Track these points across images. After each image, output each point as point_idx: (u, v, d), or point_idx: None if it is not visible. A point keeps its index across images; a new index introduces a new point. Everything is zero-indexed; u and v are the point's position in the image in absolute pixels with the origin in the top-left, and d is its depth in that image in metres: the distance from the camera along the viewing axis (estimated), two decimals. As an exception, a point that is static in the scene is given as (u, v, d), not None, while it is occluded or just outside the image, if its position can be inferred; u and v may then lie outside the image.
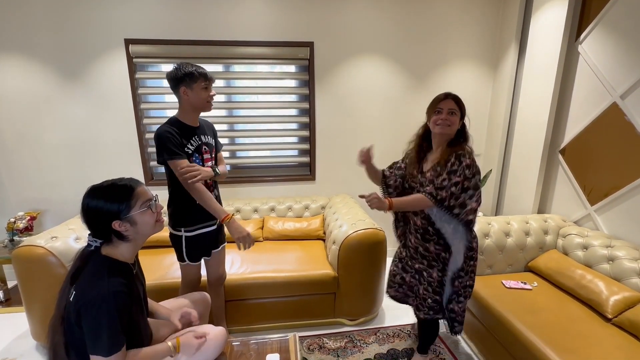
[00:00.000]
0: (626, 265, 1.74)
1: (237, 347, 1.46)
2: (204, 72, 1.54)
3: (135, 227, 1.07)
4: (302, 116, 2.88)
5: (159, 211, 1.14)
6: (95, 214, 1.04)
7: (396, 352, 1.94)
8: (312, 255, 2.31)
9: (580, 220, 2.24)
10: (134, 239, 1.09)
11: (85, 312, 0.97)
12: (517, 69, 2.72)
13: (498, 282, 1.96)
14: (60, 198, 2.68)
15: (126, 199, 1.05)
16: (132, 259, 1.15)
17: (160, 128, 1.53)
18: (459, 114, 1.47)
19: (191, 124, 1.61)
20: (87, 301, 0.98)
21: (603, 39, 2.06)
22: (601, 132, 2.09)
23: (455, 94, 1.49)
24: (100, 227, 1.05)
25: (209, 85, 1.57)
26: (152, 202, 1.11)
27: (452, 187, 1.40)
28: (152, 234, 1.15)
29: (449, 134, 1.47)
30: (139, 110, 2.64)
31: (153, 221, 1.11)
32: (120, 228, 1.04)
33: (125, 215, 1.04)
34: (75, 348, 1.04)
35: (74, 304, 1.00)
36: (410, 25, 2.76)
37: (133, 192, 1.06)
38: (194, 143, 1.59)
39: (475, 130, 3.04)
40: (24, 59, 2.42)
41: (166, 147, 1.49)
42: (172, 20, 2.50)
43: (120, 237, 1.07)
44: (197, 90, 1.53)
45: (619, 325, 1.56)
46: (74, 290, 1.02)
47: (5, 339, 2.07)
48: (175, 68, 1.52)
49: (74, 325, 1.01)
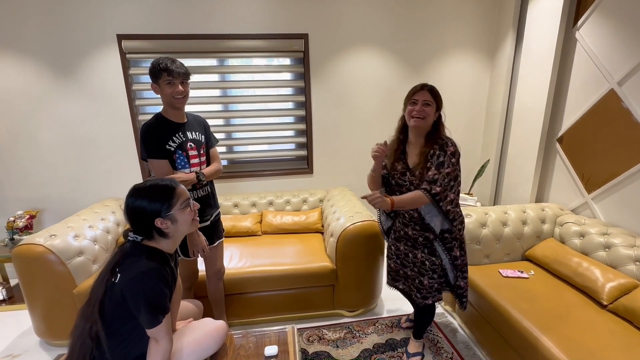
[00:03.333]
0: (622, 252, 1.75)
1: (236, 339, 1.48)
2: (167, 66, 1.46)
3: (175, 224, 1.15)
4: (298, 109, 2.87)
5: (195, 210, 1.22)
6: (139, 213, 1.11)
7: (395, 341, 1.97)
8: (310, 248, 2.32)
9: (578, 208, 2.25)
10: (173, 236, 1.17)
11: (131, 288, 1.06)
12: (514, 57, 2.69)
13: (495, 271, 1.97)
14: (59, 196, 2.69)
15: (168, 198, 1.13)
16: (172, 252, 1.22)
17: (144, 124, 1.52)
18: (434, 106, 1.46)
19: (175, 120, 1.58)
20: (131, 278, 1.06)
21: (600, 25, 2.03)
22: (598, 120, 2.08)
23: (432, 85, 1.48)
24: (143, 224, 1.12)
25: (174, 81, 1.49)
26: (190, 201, 1.20)
27: (444, 179, 1.42)
28: (189, 232, 1.25)
29: (424, 127, 1.47)
30: (133, 107, 2.62)
31: (190, 219, 1.20)
32: (162, 225, 1.12)
33: (167, 213, 1.12)
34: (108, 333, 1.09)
35: (118, 285, 1.08)
36: (406, 14, 2.73)
37: (174, 192, 1.15)
38: (177, 140, 1.57)
39: (472, 119, 3.05)
40: (16, 56, 2.40)
41: (144, 145, 1.49)
42: (165, 14, 2.47)
43: (161, 233, 1.14)
44: (162, 86, 1.49)
45: (614, 312, 1.57)
46: (119, 274, 1.10)
47: (10, 336, 2.10)
48: (151, 63, 1.50)
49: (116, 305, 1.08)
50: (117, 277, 1.10)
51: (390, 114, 2.90)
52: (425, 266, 1.61)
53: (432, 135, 1.50)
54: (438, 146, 1.46)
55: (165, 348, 1.11)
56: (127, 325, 1.11)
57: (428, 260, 1.59)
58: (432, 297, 1.63)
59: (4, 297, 2.42)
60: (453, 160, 1.44)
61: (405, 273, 1.71)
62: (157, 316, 1.08)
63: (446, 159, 1.43)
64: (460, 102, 2.99)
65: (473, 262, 2.09)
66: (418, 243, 1.61)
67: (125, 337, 1.12)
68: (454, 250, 1.57)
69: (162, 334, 1.10)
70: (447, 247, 1.57)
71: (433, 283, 1.61)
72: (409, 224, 1.61)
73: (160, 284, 1.09)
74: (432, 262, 1.58)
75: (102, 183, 2.72)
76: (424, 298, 1.64)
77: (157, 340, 1.11)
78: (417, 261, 1.63)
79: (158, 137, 1.52)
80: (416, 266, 1.65)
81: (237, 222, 2.57)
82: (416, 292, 1.66)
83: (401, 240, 1.69)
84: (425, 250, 1.59)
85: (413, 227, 1.60)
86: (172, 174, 1.54)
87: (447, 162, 1.43)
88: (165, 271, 1.13)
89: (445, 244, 1.56)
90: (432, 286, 1.61)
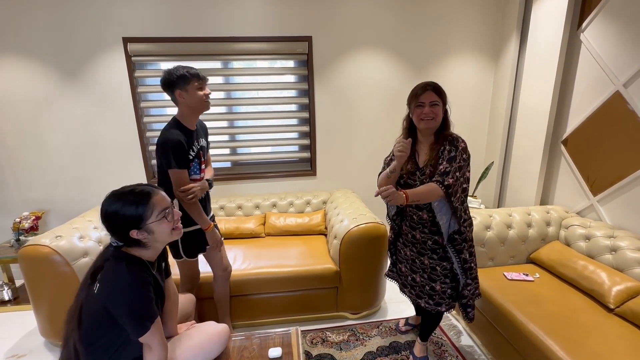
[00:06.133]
0: (629, 255, 1.73)
1: (240, 342, 1.48)
2: (196, 72, 1.53)
3: (152, 235, 1.09)
4: (302, 111, 2.88)
5: (176, 219, 1.15)
6: (113, 222, 1.06)
7: (398, 344, 1.96)
8: (314, 250, 2.32)
9: (583, 211, 2.23)
10: (152, 246, 1.12)
11: (113, 300, 1.02)
12: (518, 59, 2.68)
13: (500, 274, 1.95)
14: (64, 197, 2.71)
15: (142, 210, 1.06)
16: (153, 259, 1.18)
17: (170, 133, 1.51)
18: (441, 104, 1.45)
19: (190, 128, 1.60)
20: (112, 289, 1.03)
21: (605, 27, 2.02)
22: (604, 122, 2.06)
23: (434, 83, 1.46)
24: (119, 233, 1.07)
25: (203, 85, 1.56)
26: (167, 211, 1.11)
27: (456, 172, 1.40)
28: (170, 241, 1.17)
29: (435, 127, 1.47)
30: (139, 109, 2.64)
31: (169, 230, 1.13)
32: (138, 237, 1.07)
33: (142, 225, 1.06)
34: (85, 342, 1.07)
35: (98, 296, 1.04)
36: (410, 16, 2.73)
37: (149, 202, 1.07)
38: (195, 149, 1.60)
39: (476, 121, 3.05)
40: (24, 59, 2.43)
41: (174, 156, 1.49)
42: (170, 17, 2.50)
43: (139, 244, 1.09)
44: (192, 92, 1.52)
45: (621, 316, 1.56)
46: (98, 283, 1.06)
47: (15, 336, 2.12)
48: (166, 73, 1.51)
49: (96, 315, 1.05)
50: (97, 286, 1.06)
51: (394, 116, 2.90)
52: (435, 271, 1.58)
53: (442, 132, 1.48)
54: (448, 142, 1.44)
55: (159, 354, 1.08)
56: (104, 337, 1.07)
57: (439, 265, 1.56)
58: (445, 304, 1.60)
59: (9, 297, 2.44)
60: (464, 156, 1.41)
61: (413, 279, 1.67)
62: (144, 323, 1.05)
63: (458, 154, 1.41)
64: (464, 104, 2.98)
65: (478, 264, 2.07)
66: (426, 247, 1.58)
67: (103, 349, 1.08)
68: (463, 252, 1.54)
69: (153, 341, 1.07)
70: (457, 249, 1.54)
71: (446, 288, 1.58)
72: (417, 226, 1.59)
73: (143, 291, 1.05)
74: (443, 267, 1.56)
75: (107, 184, 2.73)
76: (437, 305, 1.60)
77: (150, 348, 1.08)
78: (427, 267, 1.60)
79: (186, 146, 1.54)
80: (426, 272, 1.61)
81: (241, 223, 2.58)
82: (427, 298, 1.62)
83: (407, 245, 1.67)
84: (435, 255, 1.56)
85: (422, 230, 1.58)
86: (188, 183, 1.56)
87: (458, 157, 1.40)
88: (146, 273, 1.09)
89: (455, 245, 1.53)
90: (444, 291, 1.58)
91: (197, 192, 1.55)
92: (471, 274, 1.59)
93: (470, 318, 1.63)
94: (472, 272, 1.59)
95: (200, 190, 1.57)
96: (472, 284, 1.60)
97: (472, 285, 1.61)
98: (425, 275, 1.62)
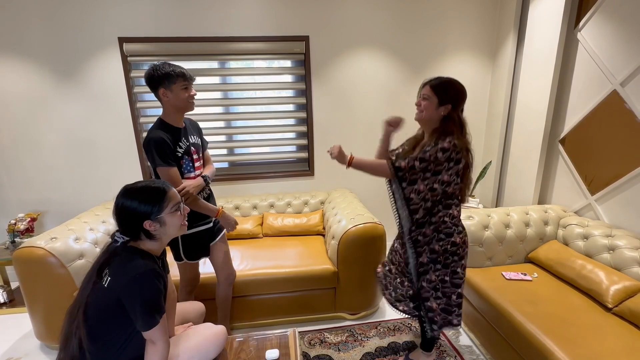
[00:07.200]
0: (627, 254, 1.73)
1: (237, 343, 1.47)
2: (182, 71, 1.48)
3: (164, 227, 1.14)
4: (299, 111, 2.87)
5: (184, 214, 1.21)
6: (128, 214, 1.11)
7: (397, 345, 1.95)
8: (311, 250, 2.31)
9: (581, 210, 2.23)
10: (160, 238, 1.16)
11: (128, 291, 1.05)
12: (515, 58, 2.68)
13: (498, 274, 1.95)
14: (60, 199, 2.69)
15: (159, 201, 1.12)
16: (158, 254, 1.21)
17: (152, 133, 1.49)
18: (433, 100, 1.43)
19: (177, 125, 1.58)
20: (128, 281, 1.05)
21: (602, 26, 2.02)
22: (601, 121, 2.06)
23: (437, 81, 1.47)
24: (131, 225, 1.12)
25: (189, 85, 1.52)
26: (180, 205, 1.19)
27: (415, 161, 1.37)
28: (177, 235, 1.25)
29: (424, 119, 1.47)
30: (135, 109, 2.63)
31: (179, 223, 1.19)
32: (150, 227, 1.12)
33: (156, 216, 1.11)
34: (92, 337, 1.08)
35: (109, 289, 1.07)
36: (407, 15, 2.73)
37: (166, 195, 1.14)
38: (183, 145, 1.57)
39: (474, 120, 3.04)
40: (18, 59, 2.41)
41: (157, 153, 1.48)
42: (166, 17, 2.48)
43: (149, 235, 1.14)
44: (176, 91, 1.48)
45: (619, 315, 1.56)
46: (109, 277, 1.08)
47: (11, 338, 2.10)
48: (151, 69, 1.46)
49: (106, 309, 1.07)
50: (107, 280, 1.08)
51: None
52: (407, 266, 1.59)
53: (437, 131, 1.46)
54: (436, 138, 1.42)
55: (162, 349, 1.10)
56: (112, 332, 1.09)
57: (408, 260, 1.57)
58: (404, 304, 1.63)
59: (4, 300, 2.41)
60: (439, 154, 1.35)
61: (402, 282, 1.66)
62: (154, 317, 1.07)
63: (432, 149, 1.36)
64: (461, 103, 2.98)
65: (475, 264, 2.08)
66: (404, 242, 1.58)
67: (110, 345, 1.09)
68: (422, 255, 1.50)
69: (158, 335, 1.09)
70: (417, 252, 1.50)
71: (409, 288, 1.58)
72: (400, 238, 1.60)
73: (156, 283, 1.08)
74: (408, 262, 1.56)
75: (103, 186, 2.72)
76: (397, 300, 1.65)
77: (153, 343, 1.09)
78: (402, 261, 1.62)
79: (170, 143, 1.51)
80: (400, 265, 1.63)
81: (239, 224, 2.56)
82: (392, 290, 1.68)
83: (394, 263, 1.68)
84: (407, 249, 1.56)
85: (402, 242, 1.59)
86: (180, 182, 1.54)
87: (430, 151, 1.36)
88: (158, 266, 1.13)
89: (416, 247, 1.50)
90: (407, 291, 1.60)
91: (190, 190, 1.52)
92: (444, 287, 1.49)
93: (431, 334, 1.56)
94: (445, 287, 1.49)
95: (195, 188, 1.54)
96: (442, 300, 1.50)
97: (443, 301, 1.50)
98: (400, 268, 1.63)
